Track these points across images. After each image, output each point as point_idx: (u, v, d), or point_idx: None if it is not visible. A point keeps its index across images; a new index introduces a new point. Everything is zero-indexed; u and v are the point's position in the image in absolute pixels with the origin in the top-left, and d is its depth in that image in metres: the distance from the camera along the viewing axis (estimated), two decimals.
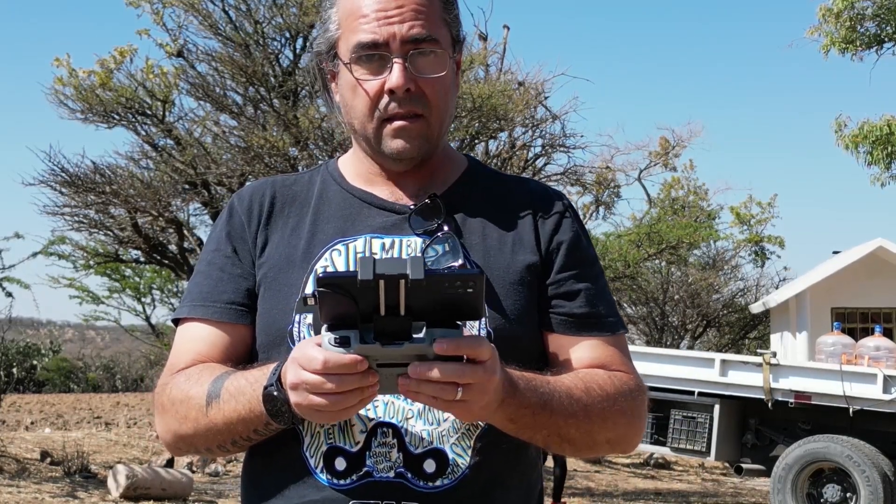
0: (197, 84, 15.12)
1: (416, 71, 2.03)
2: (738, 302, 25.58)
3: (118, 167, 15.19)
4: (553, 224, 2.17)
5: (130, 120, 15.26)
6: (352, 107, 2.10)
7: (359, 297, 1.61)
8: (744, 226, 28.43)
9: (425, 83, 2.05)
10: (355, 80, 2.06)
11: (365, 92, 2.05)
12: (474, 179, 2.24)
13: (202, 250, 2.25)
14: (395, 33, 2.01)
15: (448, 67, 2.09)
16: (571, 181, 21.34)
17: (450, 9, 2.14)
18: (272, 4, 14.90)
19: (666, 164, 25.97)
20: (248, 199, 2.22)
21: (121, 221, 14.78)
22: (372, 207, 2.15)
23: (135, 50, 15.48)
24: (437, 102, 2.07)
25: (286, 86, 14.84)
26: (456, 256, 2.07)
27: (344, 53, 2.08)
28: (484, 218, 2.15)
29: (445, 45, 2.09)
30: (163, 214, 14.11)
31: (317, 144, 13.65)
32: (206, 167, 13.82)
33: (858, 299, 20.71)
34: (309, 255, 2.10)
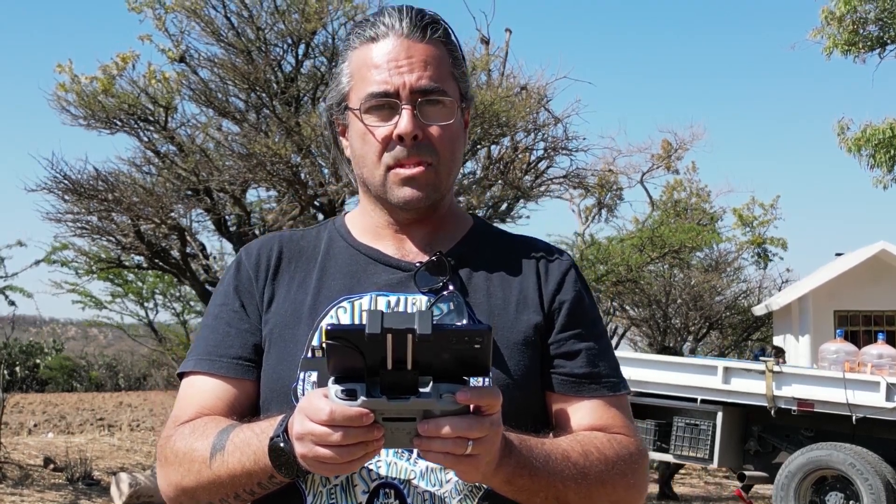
0: (199, 90, 15.11)
1: (424, 119, 2.07)
2: (741, 303, 25.57)
3: (121, 173, 15.18)
4: (556, 283, 2.18)
5: (133, 126, 15.24)
6: (361, 155, 2.13)
7: (366, 350, 1.62)
8: (746, 227, 28.48)
9: (433, 131, 2.08)
10: (365, 127, 2.08)
11: (374, 138, 2.08)
12: (480, 237, 2.26)
13: (210, 303, 2.26)
14: (405, 82, 2.05)
15: (456, 117, 2.12)
16: (574, 184, 21.34)
17: (458, 65, 2.17)
18: (274, 10, 14.89)
19: (668, 166, 26.02)
20: (255, 253, 2.23)
21: (123, 228, 14.76)
22: (378, 264, 2.17)
23: (137, 56, 15.47)
24: (444, 151, 2.10)
25: (288, 92, 14.83)
26: (461, 316, 2.08)
27: (355, 103, 2.11)
28: (489, 276, 2.17)
29: (454, 96, 2.12)
30: (165, 221, 14.11)
31: (319, 151, 13.63)
32: (208, 174, 13.81)
33: (861, 302, 20.70)
34: (315, 311, 2.11)
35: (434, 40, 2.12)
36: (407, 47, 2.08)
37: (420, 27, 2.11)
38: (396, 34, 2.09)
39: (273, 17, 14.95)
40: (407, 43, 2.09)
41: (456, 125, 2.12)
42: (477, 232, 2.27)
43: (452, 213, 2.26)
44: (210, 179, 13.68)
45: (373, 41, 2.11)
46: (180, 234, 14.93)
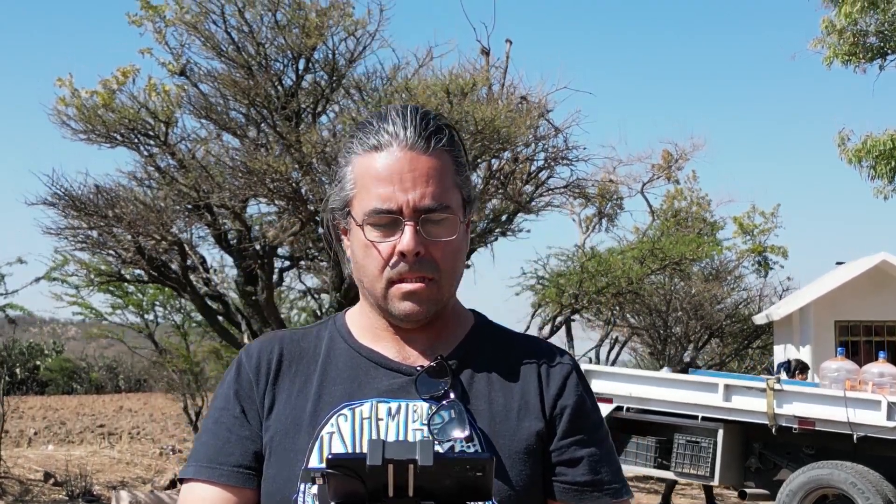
0: (199, 105, 15.11)
1: (427, 235, 2.06)
2: (741, 312, 25.55)
3: (121, 189, 15.18)
4: (557, 388, 2.17)
5: (133, 140, 15.24)
6: (363, 266, 2.12)
7: (368, 478, 1.62)
8: (746, 236, 28.47)
9: (435, 247, 2.07)
10: (367, 241, 2.08)
11: (377, 252, 2.08)
12: (481, 338, 2.25)
13: (211, 404, 2.25)
14: (409, 200, 2.04)
15: (458, 231, 2.11)
16: (575, 194, 21.35)
17: (461, 171, 2.16)
18: (274, 25, 14.87)
19: (669, 177, 26.01)
20: (255, 356, 2.22)
21: (123, 242, 14.75)
22: (379, 368, 2.16)
23: (137, 70, 15.46)
24: (446, 266, 2.10)
25: (289, 107, 14.82)
26: (462, 424, 2.06)
27: (357, 214, 2.11)
28: (490, 380, 2.16)
29: (456, 207, 2.12)
30: (165, 238, 14.10)
31: (319, 168, 13.63)
32: (208, 190, 13.80)
33: (862, 312, 20.68)
34: (315, 419, 2.11)
35: (438, 150, 2.10)
36: (410, 160, 2.07)
37: (424, 137, 2.09)
38: (400, 145, 2.08)
39: (273, 31, 14.94)
40: (410, 155, 2.07)
41: (458, 239, 2.12)
42: (478, 331, 2.26)
43: (454, 313, 2.26)
44: (210, 196, 13.66)
45: (376, 150, 2.09)
46: (180, 248, 14.92)
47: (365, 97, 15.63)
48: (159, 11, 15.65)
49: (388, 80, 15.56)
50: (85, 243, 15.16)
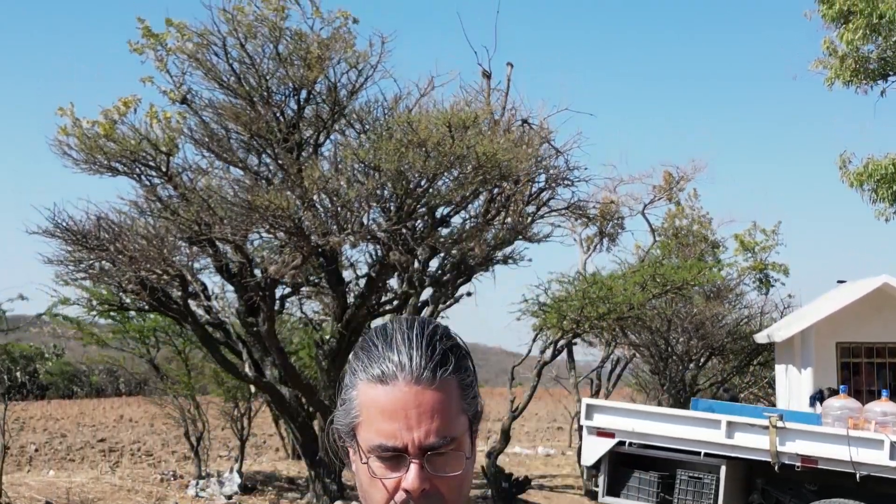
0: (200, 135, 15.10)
1: (433, 470, 2.04)
2: (743, 329, 25.47)
3: (123, 220, 15.15)
4: None
5: (134, 171, 15.22)
6: (368, 493, 2.11)
7: None
8: (748, 253, 28.40)
9: (442, 482, 2.05)
10: (373, 474, 2.06)
11: (382, 485, 2.06)
12: None
13: None
14: (414, 439, 2.02)
15: (465, 464, 2.08)
16: (576, 215, 21.29)
17: (467, 393, 2.14)
18: (276, 56, 14.84)
19: (670, 198, 25.94)
20: None
21: (125, 273, 14.71)
22: None
23: (138, 100, 15.43)
24: (452, 497, 2.08)
25: (291, 139, 14.80)
26: None
27: (363, 443, 2.08)
28: None
29: (462, 433, 2.09)
30: (167, 271, 14.07)
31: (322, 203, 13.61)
32: (210, 223, 13.77)
33: (863, 334, 20.61)
34: None
35: (444, 380, 2.07)
36: (415, 395, 2.04)
37: (430, 368, 2.07)
38: (405, 378, 2.04)
39: (275, 62, 14.91)
40: (415, 390, 2.04)
41: (465, 471, 2.10)
42: None
43: None
44: (212, 229, 13.64)
45: (381, 382, 2.06)
46: (182, 279, 14.90)
47: (366, 127, 15.61)
48: (161, 40, 15.62)
49: (389, 110, 15.53)
50: (87, 273, 15.11)
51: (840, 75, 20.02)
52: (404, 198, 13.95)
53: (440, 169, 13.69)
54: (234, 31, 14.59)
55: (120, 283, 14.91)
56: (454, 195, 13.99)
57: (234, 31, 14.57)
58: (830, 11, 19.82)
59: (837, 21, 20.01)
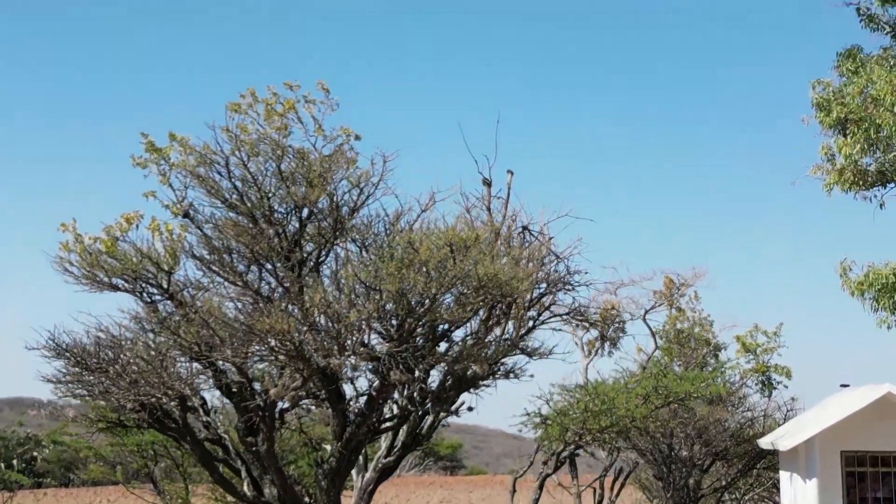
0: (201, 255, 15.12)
1: None
2: (746, 432, 25.30)
3: (123, 338, 15.08)
4: None
5: (136, 289, 15.20)
6: None
7: None
8: (749, 354, 28.30)
9: None
10: None
11: None
12: None
13: None
14: None
15: None
16: (578, 320, 21.22)
17: None
18: (278, 175, 14.91)
19: (671, 304, 25.96)
20: None
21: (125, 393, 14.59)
22: None
23: (140, 216, 15.48)
24: None
25: (292, 257, 14.81)
26: None
27: None
28: None
29: None
30: (167, 394, 13.99)
31: (323, 325, 13.57)
32: (210, 345, 13.73)
33: (868, 443, 20.46)
34: None
35: None
36: None
37: None
38: None
39: (277, 179, 14.97)
40: None
41: None
42: None
43: None
44: (212, 352, 13.59)
45: None
46: (181, 399, 14.80)
47: (367, 243, 15.62)
48: (164, 154, 15.71)
49: (390, 225, 15.57)
50: (87, 391, 15.01)
51: (839, 183, 20.15)
52: (405, 317, 13.91)
53: (441, 289, 13.68)
54: (237, 150, 14.68)
55: (119, 402, 14.78)
56: (455, 314, 13.94)
57: (236, 150, 14.66)
58: (828, 119, 20.04)
59: (835, 128, 20.22)
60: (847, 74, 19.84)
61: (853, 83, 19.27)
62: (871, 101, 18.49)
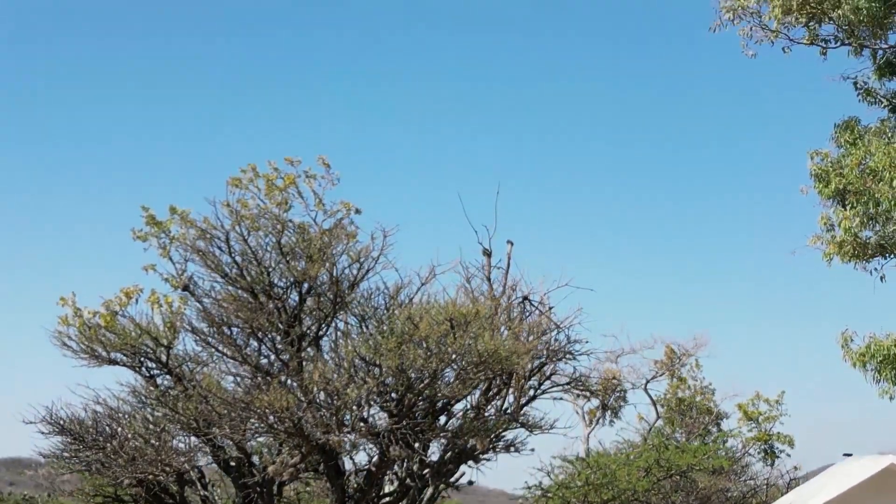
0: (200, 329, 15.11)
1: None
2: (750, 501, 25.05)
3: (120, 412, 15.01)
4: None
5: (135, 362, 15.18)
6: None
7: None
8: (751, 423, 28.14)
9: None
10: None
11: None
12: None
13: None
14: None
15: None
16: (579, 389, 21.13)
17: None
18: (278, 248, 14.94)
19: (672, 373, 25.88)
20: None
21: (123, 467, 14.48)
22: None
23: (140, 290, 15.49)
24: None
25: (292, 332, 14.80)
26: None
27: None
28: None
29: None
30: (165, 471, 13.90)
31: (322, 401, 13.51)
32: (209, 422, 13.66)
33: None
34: None
35: None
36: None
37: None
38: None
39: (277, 254, 14.99)
40: None
41: None
42: None
43: None
44: (210, 429, 13.53)
45: None
46: (179, 475, 14.70)
47: (367, 315, 15.61)
48: (164, 227, 15.75)
49: (390, 299, 15.56)
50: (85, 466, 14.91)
51: (839, 254, 20.10)
52: (405, 392, 13.87)
53: (442, 364, 13.65)
54: (238, 225, 14.72)
55: (116, 477, 14.67)
56: (456, 390, 13.90)
57: (237, 225, 14.70)
58: (826, 190, 20.03)
59: (834, 199, 20.22)
60: (845, 146, 19.89)
61: (851, 154, 19.31)
62: (869, 173, 18.53)
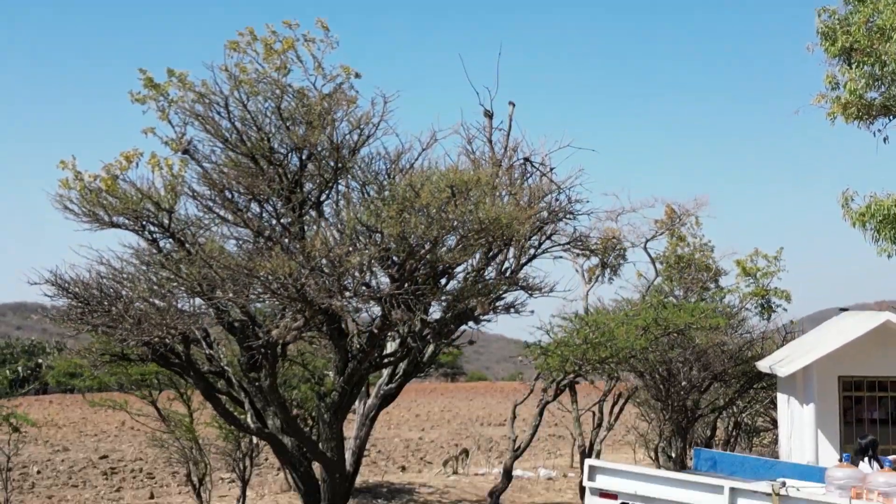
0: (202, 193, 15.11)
1: None
2: (745, 354, 25.44)
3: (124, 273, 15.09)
4: None
5: (137, 225, 15.21)
6: None
7: None
8: (749, 278, 28.36)
9: None
10: None
11: None
12: None
13: None
14: None
15: None
16: (579, 249, 21.26)
17: None
18: (278, 114, 14.81)
19: (672, 232, 25.93)
20: None
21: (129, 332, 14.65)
22: None
23: (140, 154, 15.41)
24: None
25: (293, 198, 14.79)
26: None
27: None
28: None
29: None
30: (171, 333, 14.08)
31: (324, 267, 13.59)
32: (212, 287, 13.77)
33: (865, 368, 20.63)
34: None
35: None
36: None
37: None
38: None
39: (277, 119, 14.87)
40: None
41: None
42: None
43: None
44: (214, 293, 13.65)
45: None
46: (185, 337, 14.89)
47: (368, 180, 15.57)
48: (163, 90, 15.59)
49: (391, 164, 15.51)
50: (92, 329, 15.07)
51: (843, 114, 19.96)
52: (406, 258, 13.94)
53: (442, 232, 13.69)
54: (236, 90, 14.56)
55: (123, 339, 14.84)
56: (457, 256, 13.97)
57: (235, 90, 14.54)
58: (833, 48, 19.77)
59: (840, 57, 19.97)
60: (853, 2, 19.54)
61: (859, 12, 18.99)
62: (876, 31, 18.24)
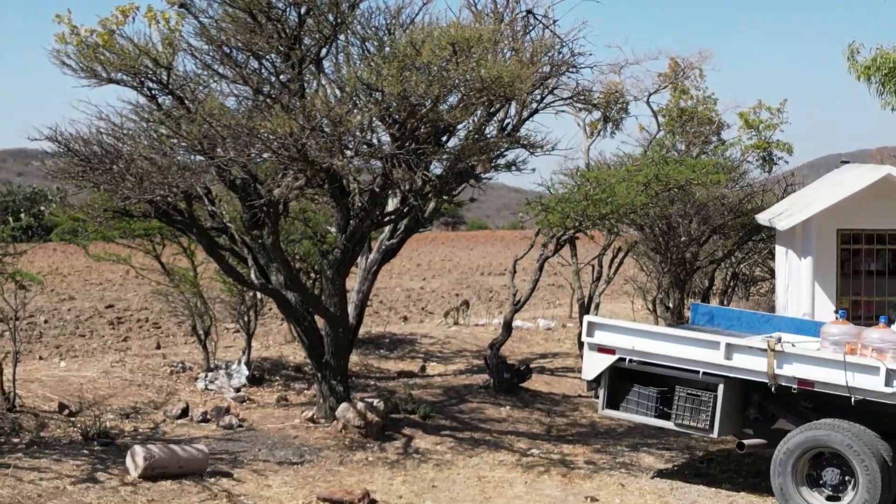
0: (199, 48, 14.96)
1: None
2: (745, 206, 25.49)
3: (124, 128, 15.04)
4: None
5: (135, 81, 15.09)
6: None
7: None
8: (752, 131, 28.20)
9: None
10: None
11: None
12: None
13: None
14: None
15: None
16: (581, 103, 21.13)
17: None
18: None
19: (676, 86, 25.66)
20: None
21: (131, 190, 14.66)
22: None
23: (136, 8, 15.18)
24: None
25: (292, 55, 14.63)
26: None
27: None
28: None
29: None
30: (173, 191, 14.11)
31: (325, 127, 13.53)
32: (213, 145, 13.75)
33: (864, 220, 20.69)
34: None
35: None
36: None
37: None
38: None
39: None
40: None
41: None
42: None
43: None
44: (216, 153, 13.64)
45: None
46: (187, 194, 14.92)
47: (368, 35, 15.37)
48: None
49: (392, 18, 15.29)
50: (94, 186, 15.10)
51: None
52: (407, 117, 13.88)
53: (444, 91, 13.59)
54: None
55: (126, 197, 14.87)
56: (458, 115, 13.90)
57: None
58: None
59: None
60: None
61: None
62: None
